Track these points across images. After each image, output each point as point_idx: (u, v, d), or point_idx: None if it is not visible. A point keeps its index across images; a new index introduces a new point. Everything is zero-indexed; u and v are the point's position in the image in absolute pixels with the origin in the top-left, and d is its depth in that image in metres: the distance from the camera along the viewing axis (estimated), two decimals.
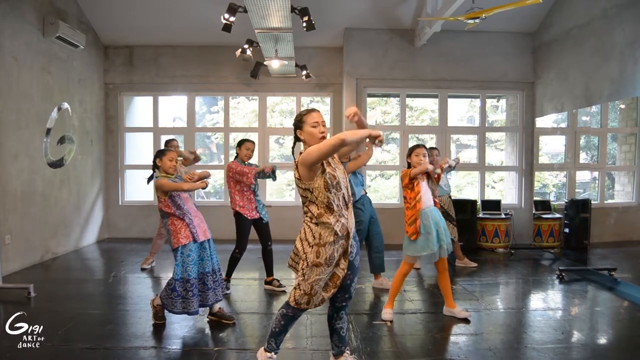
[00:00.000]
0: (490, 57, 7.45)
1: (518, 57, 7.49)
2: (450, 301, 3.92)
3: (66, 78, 6.50)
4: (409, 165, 3.86)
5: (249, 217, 4.54)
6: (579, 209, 6.17)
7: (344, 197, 2.61)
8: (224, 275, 4.34)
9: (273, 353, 2.75)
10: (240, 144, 4.63)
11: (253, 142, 4.66)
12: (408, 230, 3.73)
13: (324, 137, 2.60)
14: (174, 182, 3.58)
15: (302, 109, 8.69)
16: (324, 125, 2.63)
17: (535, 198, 7.36)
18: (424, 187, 3.78)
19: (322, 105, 11.41)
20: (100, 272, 5.76)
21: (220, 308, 3.80)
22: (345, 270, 2.61)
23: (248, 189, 4.55)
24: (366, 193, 4.91)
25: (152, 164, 3.77)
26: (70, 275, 5.50)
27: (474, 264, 5.80)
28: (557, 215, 6.84)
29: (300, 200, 2.66)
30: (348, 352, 2.86)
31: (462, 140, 11.87)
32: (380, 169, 11.27)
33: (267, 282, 4.75)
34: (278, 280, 4.73)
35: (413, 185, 3.74)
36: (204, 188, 3.69)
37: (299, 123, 2.65)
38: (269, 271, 4.74)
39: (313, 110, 2.67)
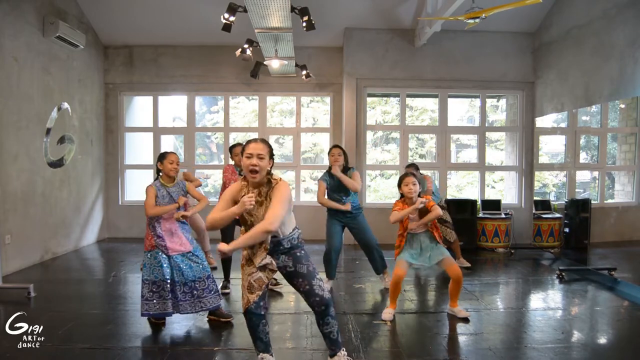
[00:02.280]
0: (490, 57, 7.45)
1: (518, 57, 7.49)
2: (454, 302, 3.92)
3: (66, 78, 6.50)
4: (402, 195, 3.89)
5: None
6: (579, 208, 6.17)
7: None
8: (219, 282, 4.28)
9: (263, 353, 2.79)
10: (236, 147, 4.61)
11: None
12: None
13: (251, 168, 2.57)
14: (155, 204, 3.67)
15: (302, 108, 8.68)
16: (257, 158, 2.56)
17: (535, 198, 7.36)
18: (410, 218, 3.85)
19: (322, 105, 11.42)
20: (100, 272, 5.76)
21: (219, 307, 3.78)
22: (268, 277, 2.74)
23: None
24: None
25: (155, 167, 3.81)
26: (70, 275, 5.50)
27: (468, 264, 5.75)
28: (557, 215, 6.84)
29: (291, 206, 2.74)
30: (343, 352, 2.87)
31: (462, 140, 11.88)
32: (380, 168, 11.28)
33: None
34: (275, 279, 4.73)
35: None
36: (179, 208, 3.71)
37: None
38: None
39: (250, 140, 2.67)
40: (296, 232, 2.80)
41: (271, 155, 2.65)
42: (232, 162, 4.75)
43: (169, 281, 3.56)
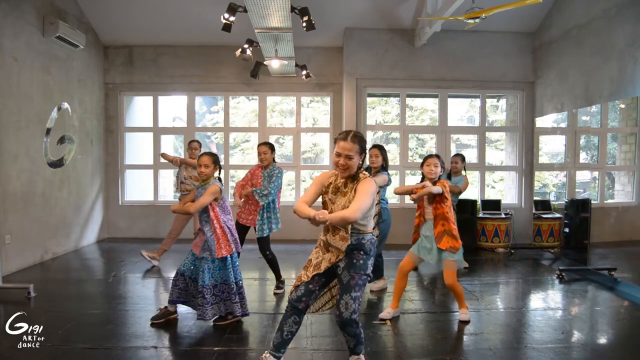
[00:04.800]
0: (490, 57, 7.45)
1: (518, 57, 7.49)
2: (459, 304, 3.87)
3: (66, 78, 6.50)
4: (423, 177, 3.82)
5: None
6: (579, 208, 6.17)
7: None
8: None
9: (270, 352, 2.75)
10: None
11: (265, 145, 4.55)
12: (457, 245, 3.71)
13: (340, 166, 2.63)
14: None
15: (302, 108, 8.65)
16: (345, 158, 2.60)
17: (535, 198, 7.36)
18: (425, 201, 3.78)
19: (322, 105, 11.43)
20: (100, 272, 5.76)
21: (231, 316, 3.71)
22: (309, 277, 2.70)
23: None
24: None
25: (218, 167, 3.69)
26: (70, 275, 5.50)
27: (466, 265, 5.72)
28: (557, 215, 6.84)
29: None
30: (355, 357, 2.80)
31: (462, 140, 11.87)
32: None
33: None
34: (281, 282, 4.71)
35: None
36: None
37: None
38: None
39: (342, 136, 2.65)
40: (369, 235, 2.73)
41: (362, 152, 2.66)
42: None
43: (182, 275, 3.71)
